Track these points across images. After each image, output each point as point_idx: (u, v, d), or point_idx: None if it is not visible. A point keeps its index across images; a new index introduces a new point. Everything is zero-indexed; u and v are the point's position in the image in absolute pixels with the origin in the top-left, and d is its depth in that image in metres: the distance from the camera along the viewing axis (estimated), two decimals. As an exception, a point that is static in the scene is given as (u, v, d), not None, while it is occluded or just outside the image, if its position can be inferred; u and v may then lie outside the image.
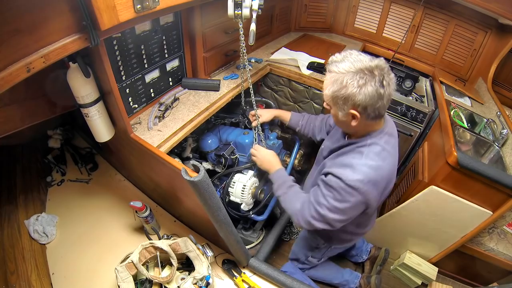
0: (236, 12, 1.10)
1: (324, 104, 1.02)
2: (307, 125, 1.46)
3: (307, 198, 1.03)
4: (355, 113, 0.88)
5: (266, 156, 1.30)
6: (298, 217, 1.04)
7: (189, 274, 1.10)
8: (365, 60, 0.86)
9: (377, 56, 0.94)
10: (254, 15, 1.12)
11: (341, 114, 0.92)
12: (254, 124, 1.46)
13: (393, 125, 1.06)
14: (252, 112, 1.46)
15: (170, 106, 1.31)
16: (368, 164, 0.90)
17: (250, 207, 1.48)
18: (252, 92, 1.33)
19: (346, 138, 1.06)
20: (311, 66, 1.78)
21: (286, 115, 1.50)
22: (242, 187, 1.41)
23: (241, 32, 1.16)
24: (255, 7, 1.09)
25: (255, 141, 1.47)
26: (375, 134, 0.96)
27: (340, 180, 0.90)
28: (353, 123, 0.92)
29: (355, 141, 0.98)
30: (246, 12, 1.10)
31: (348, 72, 0.85)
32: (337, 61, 0.89)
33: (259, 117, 1.41)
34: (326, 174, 0.96)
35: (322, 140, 1.40)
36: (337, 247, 1.35)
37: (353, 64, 0.85)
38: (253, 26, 1.14)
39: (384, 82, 0.84)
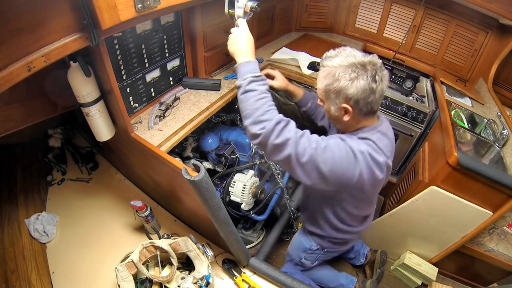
0: (230, 10, 1.09)
1: (318, 101, 1.01)
2: (315, 108, 1.38)
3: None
4: (347, 107, 0.89)
5: (243, 38, 1.00)
6: (259, 122, 0.89)
7: (189, 274, 1.10)
8: (358, 56, 0.88)
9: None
10: (246, 18, 1.11)
11: (334, 108, 0.93)
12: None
13: (389, 126, 1.03)
14: (268, 72, 1.32)
15: (170, 106, 1.31)
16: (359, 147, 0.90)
17: (251, 206, 1.49)
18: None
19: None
20: (311, 66, 1.78)
21: (298, 92, 1.38)
22: (242, 186, 1.41)
23: None
24: (247, 9, 1.07)
25: None
26: (367, 130, 0.95)
27: (337, 136, 0.93)
28: (345, 118, 0.92)
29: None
30: (239, 12, 1.08)
31: (341, 65, 0.87)
32: (331, 56, 0.91)
33: (273, 77, 1.31)
34: None
35: (322, 126, 1.36)
36: (330, 250, 1.31)
37: (346, 58, 0.87)
38: None
39: (377, 77, 0.85)
